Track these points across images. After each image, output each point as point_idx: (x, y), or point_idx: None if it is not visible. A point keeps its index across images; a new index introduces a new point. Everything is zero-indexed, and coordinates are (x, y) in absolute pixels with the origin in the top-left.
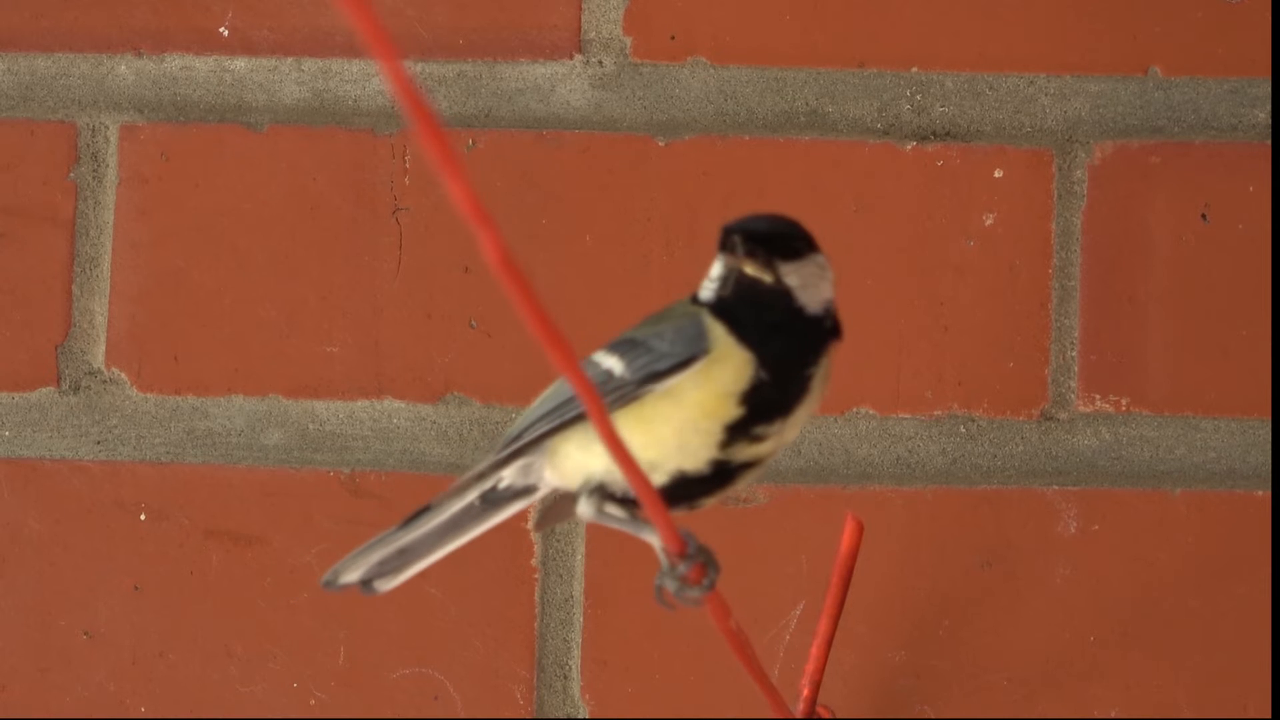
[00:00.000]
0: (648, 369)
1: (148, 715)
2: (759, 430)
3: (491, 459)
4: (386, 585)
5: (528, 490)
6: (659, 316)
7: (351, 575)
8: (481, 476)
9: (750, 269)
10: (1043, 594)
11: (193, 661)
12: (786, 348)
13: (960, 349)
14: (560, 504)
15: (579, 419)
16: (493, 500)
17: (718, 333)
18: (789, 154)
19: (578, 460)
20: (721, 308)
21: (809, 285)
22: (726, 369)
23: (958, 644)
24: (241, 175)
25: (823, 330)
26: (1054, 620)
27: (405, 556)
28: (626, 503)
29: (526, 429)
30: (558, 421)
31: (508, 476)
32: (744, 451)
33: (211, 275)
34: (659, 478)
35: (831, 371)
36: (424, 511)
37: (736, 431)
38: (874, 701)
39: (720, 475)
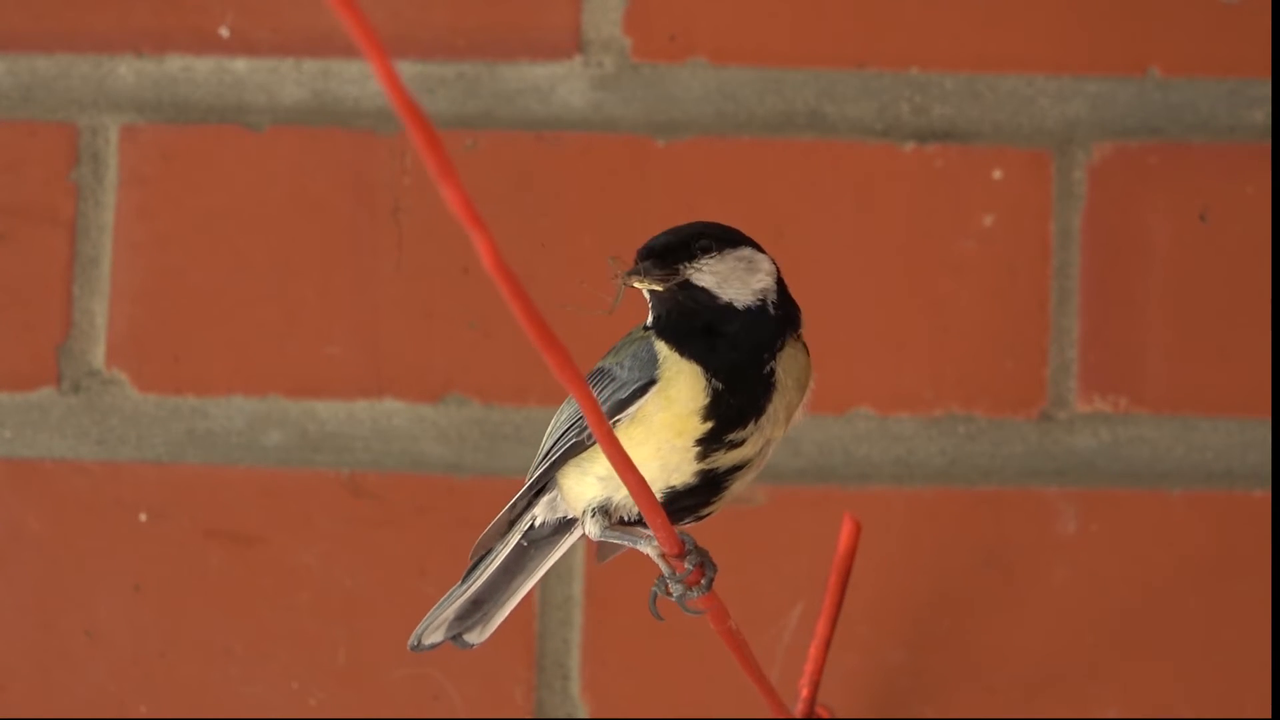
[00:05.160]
0: (612, 398)
1: (148, 715)
2: (733, 437)
3: (514, 503)
4: (478, 637)
5: (565, 524)
6: (623, 342)
7: (435, 635)
8: (512, 521)
9: (638, 284)
10: (1042, 594)
11: (193, 661)
12: (732, 351)
13: (959, 349)
14: None
15: (568, 454)
16: (537, 539)
17: (665, 353)
18: (789, 154)
19: (577, 491)
20: (661, 328)
21: (730, 279)
22: (681, 388)
23: (958, 644)
24: (241, 175)
25: (769, 320)
26: (1054, 620)
27: (483, 606)
28: (627, 522)
29: (533, 469)
30: (550, 462)
31: (540, 514)
32: (726, 458)
33: (211, 275)
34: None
35: (809, 360)
36: (479, 562)
37: (710, 443)
38: (874, 701)
39: (711, 483)
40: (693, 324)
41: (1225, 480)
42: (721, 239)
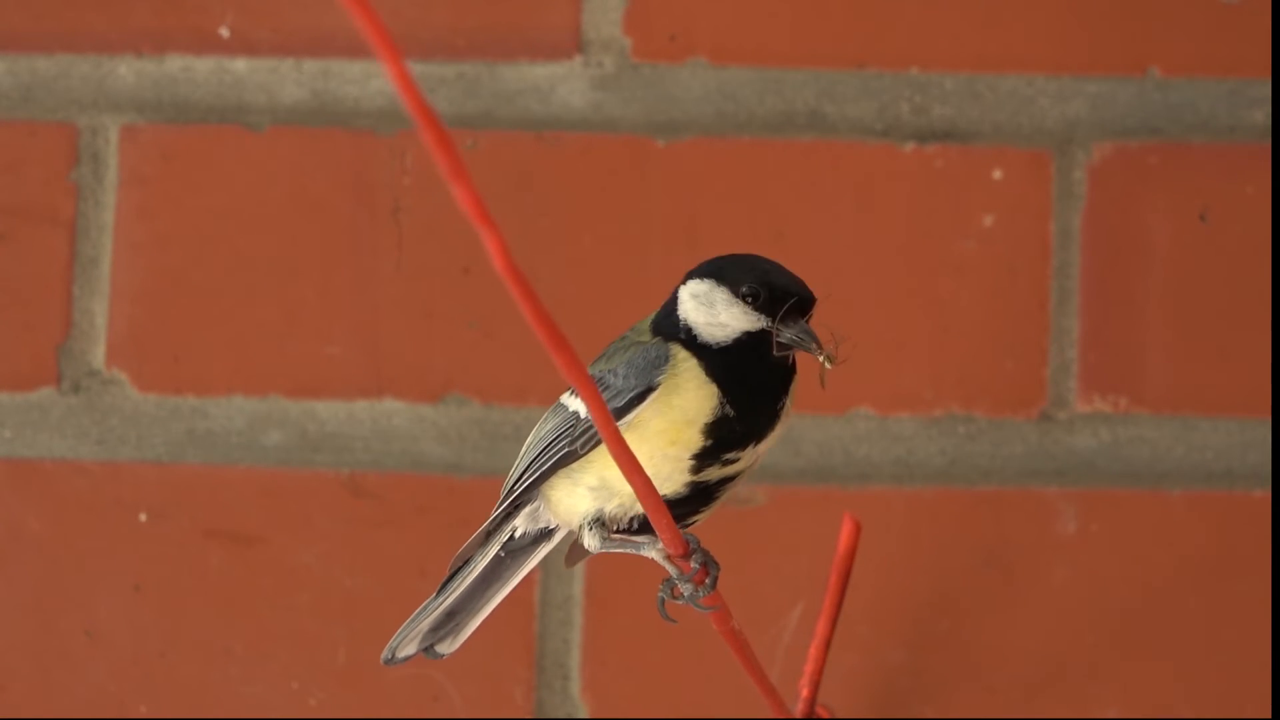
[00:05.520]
0: (608, 405)
1: (148, 715)
2: (729, 456)
3: (494, 515)
4: (449, 648)
5: (545, 533)
6: (615, 347)
7: (409, 648)
8: (491, 533)
9: (821, 357)
10: (1042, 594)
11: (193, 661)
12: (757, 388)
13: (960, 349)
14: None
15: (558, 465)
16: (515, 549)
17: (686, 366)
18: (789, 154)
19: (568, 504)
20: (700, 345)
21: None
22: (688, 399)
23: (958, 644)
24: (241, 176)
25: (789, 370)
26: (1054, 620)
27: (456, 617)
28: (625, 530)
29: (516, 481)
30: (537, 473)
31: (520, 525)
32: (717, 473)
33: (211, 275)
34: (641, 509)
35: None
36: (455, 574)
37: (705, 459)
38: (874, 701)
39: (701, 494)
40: (747, 367)
41: (1225, 480)
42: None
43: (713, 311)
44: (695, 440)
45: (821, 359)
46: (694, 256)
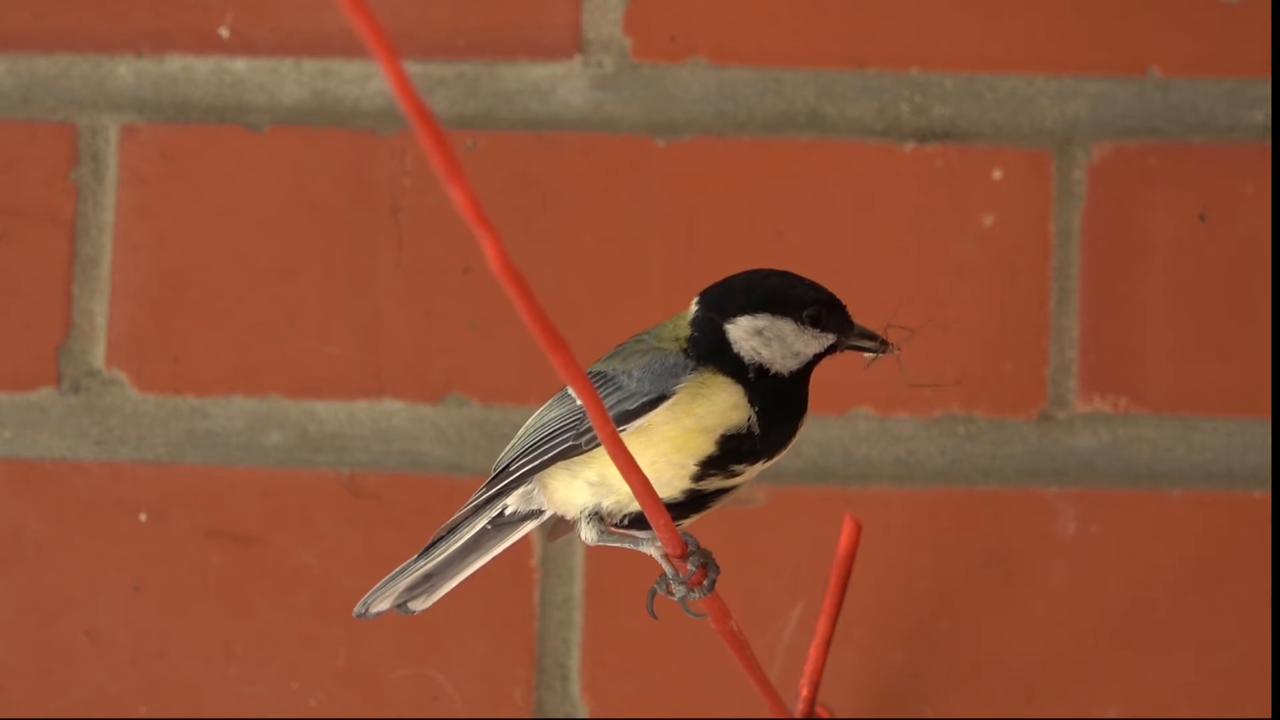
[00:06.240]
0: (617, 408)
1: (148, 715)
2: (736, 468)
3: (487, 493)
4: (421, 606)
5: (534, 514)
6: (633, 349)
7: (382, 604)
8: (480, 508)
9: (891, 353)
10: (1042, 594)
11: (193, 661)
12: (786, 411)
13: (960, 349)
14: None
15: (559, 456)
16: (503, 524)
17: (720, 385)
18: (789, 154)
19: (565, 495)
20: (743, 371)
21: None
22: (711, 409)
23: (958, 644)
24: (241, 175)
25: (807, 394)
26: (1053, 620)
27: (432, 579)
28: (623, 525)
29: (513, 463)
30: (537, 461)
31: (512, 503)
32: (718, 483)
33: (211, 275)
34: (637, 508)
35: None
36: (440, 539)
37: (710, 467)
38: (874, 701)
39: (695, 501)
40: (785, 385)
41: (1225, 480)
42: None
43: (785, 344)
44: (707, 448)
45: (893, 354)
46: (694, 256)
